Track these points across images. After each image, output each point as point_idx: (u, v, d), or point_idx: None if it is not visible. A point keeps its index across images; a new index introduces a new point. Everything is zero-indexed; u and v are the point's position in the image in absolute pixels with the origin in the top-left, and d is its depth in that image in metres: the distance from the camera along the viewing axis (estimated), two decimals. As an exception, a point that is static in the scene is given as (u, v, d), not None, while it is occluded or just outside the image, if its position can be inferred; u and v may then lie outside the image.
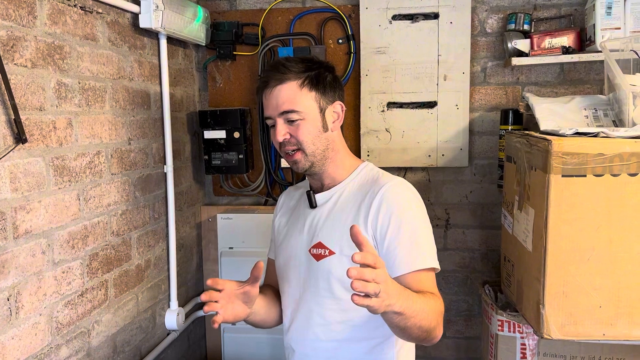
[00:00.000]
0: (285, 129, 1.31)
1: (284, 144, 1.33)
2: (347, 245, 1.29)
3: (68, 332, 1.50)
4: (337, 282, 1.31)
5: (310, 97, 1.31)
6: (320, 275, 1.33)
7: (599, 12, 1.92)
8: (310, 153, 1.32)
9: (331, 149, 1.36)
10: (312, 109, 1.31)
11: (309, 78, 1.31)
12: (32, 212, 1.35)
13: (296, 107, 1.29)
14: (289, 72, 1.30)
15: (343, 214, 1.34)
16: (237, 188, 2.44)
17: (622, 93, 1.65)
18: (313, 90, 1.31)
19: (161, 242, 2.04)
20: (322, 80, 1.33)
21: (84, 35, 1.56)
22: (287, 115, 1.30)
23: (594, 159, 1.42)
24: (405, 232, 1.26)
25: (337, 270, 1.30)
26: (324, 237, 1.34)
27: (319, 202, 1.39)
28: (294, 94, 1.29)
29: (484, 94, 2.25)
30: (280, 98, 1.30)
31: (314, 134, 1.31)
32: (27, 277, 1.34)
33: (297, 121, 1.30)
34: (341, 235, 1.31)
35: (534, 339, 1.74)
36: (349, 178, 1.38)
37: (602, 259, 1.45)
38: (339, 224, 1.33)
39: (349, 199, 1.35)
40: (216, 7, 2.37)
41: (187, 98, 2.31)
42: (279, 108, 1.30)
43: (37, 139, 1.36)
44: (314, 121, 1.31)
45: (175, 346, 2.17)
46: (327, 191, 1.39)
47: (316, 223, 1.38)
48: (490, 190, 2.29)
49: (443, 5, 2.18)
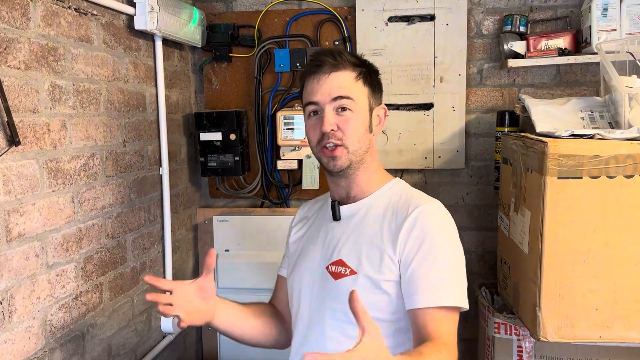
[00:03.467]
0: (333, 119, 1.19)
1: (326, 136, 1.19)
2: (370, 267, 1.17)
3: (62, 335, 1.49)
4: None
5: (364, 92, 1.22)
6: (339, 297, 1.18)
7: (594, 13, 1.92)
8: (353, 151, 1.20)
9: (370, 153, 1.25)
10: (364, 104, 1.22)
11: (363, 73, 1.23)
12: (25, 215, 1.34)
13: (352, 95, 1.19)
14: (345, 61, 1.21)
15: (370, 231, 1.21)
16: (234, 190, 2.43)
17: (618, 95, 1.65)
18: (367, 85, 1.23)
19: (157, 244, 2.03)
20: (373, 78, 1.26)
21: (78, 37, 1.55)
22: (341, 102, 1.19)
23: (590, 161, 1.42)
24: (433, 262, 1.13)
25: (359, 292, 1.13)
26: (346, 255, 1.21)
27: (344, 215, 1.27)
28: (350, 83, 1.20)
29: (480, 95, 2.25)
30: (336, 83, 1.19)
31: (361, 131, 1.21)
32: (21, 280, 1.33)
33: (347, 112, 1.19)
34: (366, 254, 1.18)
35: (531, 341, 1.73)
36: (378, 192, 1.26)
37: (598, 261, 1.45)
38: (365, 242, 1.20)
39: (378, 216, 1.22)
40: (212, 9, 2.36)
41: (183, 100, 2.30)
42: (332, 93, 1.19)
43: (30, 141, 1.35)
44: (364, 117, 1.22)
45: (171, 349, 2.16)
46: (353, 204, 1.27)
47: (338, 238, 1.25)
48: (486, 192, 2.28)
49: (439, 7, 2.18)
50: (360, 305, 0.85)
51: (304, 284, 1.28)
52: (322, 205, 1.37)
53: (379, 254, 1.17)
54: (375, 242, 1.18)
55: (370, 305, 1.07)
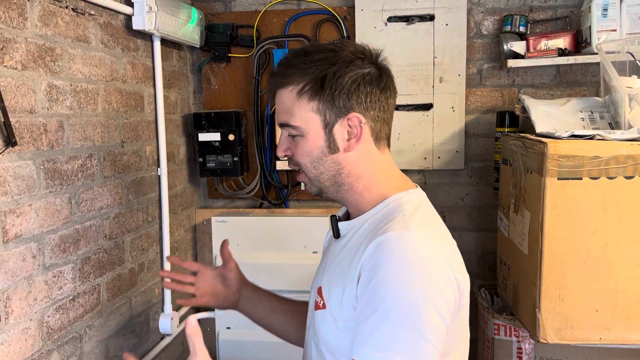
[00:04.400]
0: (286, 144, 1.04)
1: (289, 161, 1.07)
2: (334, 302, 0.99)
3: (59, 337, 1.48)
4: (326, 345, 1.01)
5: (310, 108, 0.99)
6: (316, 329, 1.04)
7: (594, 14, 1.92)
8: (313, 177, 1.03)
9: (347, 174, 1.02)
10: (312, 124, 0.99)
11: (312, 82, 0.98)
12: (22, 216, 1.33)
13: (292, 121, 1.00)
14: (291, 72, 1.00)
15: (345, 260, 1.01)
16: (232, 191, 2.43)
17: (618, 95, 1.64)
18: (315, 99, 0.98)
19: (155, 245, 2.03)
20: (335, 83, 0.98)
21: (75, 37, 1.54)
22: (285, 130, 1.03)
23: (590, 162, 1.41)
24: (378, 308, 0.88)
25: (325, 331, 1.00)
26: (324, 284, 1.04)
27: (342, 234, 1.08)
28: (291, 104, 1.00)
29: (480, 96, 2.24)
30: (279, 106, 1.03)
31: (315, 156, 1.01)
32: (17, 281, 1.32)
33: (296, 137, 1.01)
34: (335, 287, 0.99)
35: (531, 343, 1.73)
36: (372, 211, 1.03)
37: (598, 262, 1.45)
38: (338, 272, 1.01)
39: (358, 241, 1.00)
40: (211, 9, 2.36)
41: (181, 100, 2.30)
42: (278, 117, 1.04)
43: (27, 142, 1.35)
44: (315, 139, 1.00)
45: (169, 351, 2.15)
46: (348, 222, 1.07)
47: (328, 261, 1.09)
48: (486, 192, 2.28)
49: (439, 7, 2.17)
50: (191, 330, 0.86)
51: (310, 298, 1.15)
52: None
53: (342, 289, 0.97)
54: (344, 273, 0.98)
55: (332, 345, 0.98)
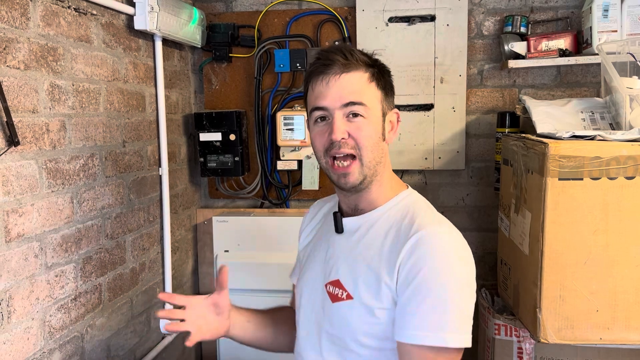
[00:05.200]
0: (345, 126, 1.06)
1: (336, 145, 1.06)
2: (366, 292, 1.06)
3: (61, 336, 1.48)
4: (353, 333, 1.07)
5: (377, 95, 1.09)
6: (335, 321, 1.10)
7: (595, 14, 1.92)
8: (367, 162, 1.07)
9: (383, 164, 1.11)
10: (377, 109, 1.08)
11: (376, 74, 1.09)
12: (24, 216, 1.33)
13: (365, 100, 1.06)
14: (357, 60, 1.07)
15: (370, 252, 1.08)
16: (233, 190, 2.43)
17: (618, 96, 1.64)
18: (380, 88, 1.09)
19: (156, 245, 2.03)
20: (386, 80, 1.12)
21: (78, 37, 1.55)
22: (353, 108, 1.05)
23: (590, 162, 1.42)
24: (425, 296, 0.99)
25: (355, 320, 1.07)
26: (344, 276, 1.10)
27: (347, 229, 1.14)
28: (363, 86, 1.07)
29: (481, 96, 2.24)
30: (347, 87, 1.06)
31: (375, 140, 1.07)
32: (20, 281, 1.32)
33: (359, 118, 1.06)
34: (363, 278, 1.07)
35: (531, 343, 1.73)
36: (387, 205, 1.12)
37: (598, 262, 1.45)
38: (362, 264, 1.08)
39: (378, 235, 1.09)
40: (212, 9, 2.36)
41: (182, 100, 2.30)
42: (343, 98, 1.05)
43: (30, 141, 1.35)
44: (377, 124, 1.08)
45: (170, 350, 2.15)
46: (358, 217, 1.13)
47: (338, 254, 1.14)
48: (486, 193, 2.28)
49: (440, 8, 2.18)
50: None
51: (303, 296, 1.21)
52: (330, 210, 1.26)
53: (376, 279, 1.05)
54: (373, 266, 1.06)
55: (364, 332, 1.06)
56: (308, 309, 1.18)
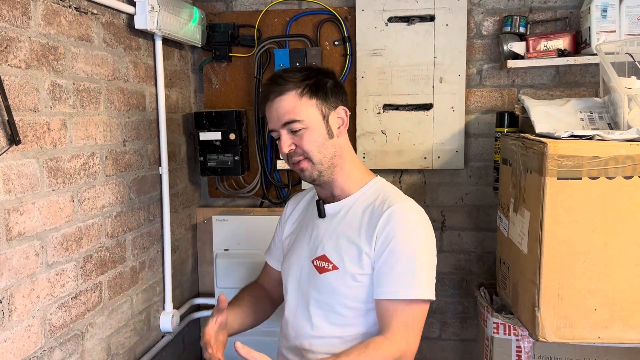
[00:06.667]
0: (290, 140, 1.31)
1: (290, 155, 1.33)
2: (350, 262, 1.31)
3: (61, 334, 1.49)
4: (338, 297, 1.32)
5: (311, 104, 1.30)
6: (322, 289, 1.34)
7: (594, 15, 1.93)
8: (318, 161, 1.31)
9: (339, 156, 1.35)
10: (314, 117, 1.30)
11: (308, 86, 1.31)
12: (25, 214, 1.34)
13: (297, 117, 1.29)
14: (287, 82, 1.30)
15: (349, 230, 1.33)
16: (233, 190, 2.43)
17: (617, 96, 1.65)
18: (314, 97, 1.31)
19: (156, 243, 2.03)
20: (322, 86, 1.33)
21: (78, 36, 1.55)
22: (290, 126, 1.29)
23: (589, 162, 1.42)
24: (397, 258, 1.25)
25: (340, 286, 1.31)
26: (329, 251, 1.34)
27: (328, 213, 1.39)
28: (294, 104, 1.29)
29: (480, 96, 2.25)
30: (281, 109, 1.30)
31: (320, 142, 1.31)
32: (20, 279, 1.33)
33: (301, 130, 1.29)
34: (346, 251, 1.32)
35: (530, 341, 1.74)
36: (360, 192, 1.37)
37: (597, 261, 1.45)
38: (345, 240, 1.33)
39: (356, 215, 1.34)
40: (212, 9, 2.36)
41: (182, 99, 2.30)
42: (280, 120, 1.30)
43: (30, 140, 1.35)
44: (318, 129, 1.31)
45: (170, 349, 2.16)
46: (336, 203, 1.38)
47: (323, 234, 1.38)
48: (485, 192, 2.29)
49: (439, 8, 2.18)
50: (244, 351, 1.11)
51: (291, 273, 1.43)
52: (310, 201, 1.49)
53: (357, 251, 1.30)
54: (354, 240, 1.31)
55: (348, 296, 1.31)
56: (295, 282, 1.41)
